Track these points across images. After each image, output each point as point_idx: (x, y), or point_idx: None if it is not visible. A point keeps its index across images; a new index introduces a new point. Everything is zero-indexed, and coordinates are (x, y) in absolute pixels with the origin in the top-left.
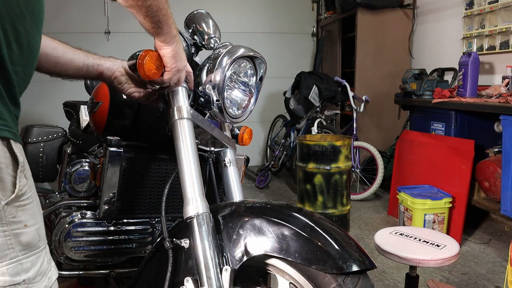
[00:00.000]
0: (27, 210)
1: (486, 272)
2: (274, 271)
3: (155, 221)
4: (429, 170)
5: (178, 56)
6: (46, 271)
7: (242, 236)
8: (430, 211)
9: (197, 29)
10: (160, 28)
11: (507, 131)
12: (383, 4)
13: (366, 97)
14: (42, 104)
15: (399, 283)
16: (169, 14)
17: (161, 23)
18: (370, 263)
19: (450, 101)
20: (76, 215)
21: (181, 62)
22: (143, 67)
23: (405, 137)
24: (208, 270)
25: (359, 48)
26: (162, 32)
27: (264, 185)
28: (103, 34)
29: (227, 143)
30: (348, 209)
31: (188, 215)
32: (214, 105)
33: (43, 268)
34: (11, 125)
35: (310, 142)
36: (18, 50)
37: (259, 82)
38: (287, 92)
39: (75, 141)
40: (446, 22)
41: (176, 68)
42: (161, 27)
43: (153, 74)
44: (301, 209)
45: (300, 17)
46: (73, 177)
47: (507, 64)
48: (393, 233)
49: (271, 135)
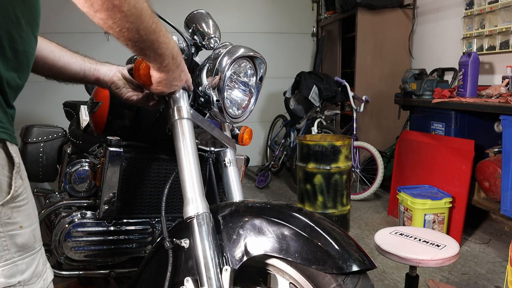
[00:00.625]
0: (23, 211)
1: (486, 272)
2: (274, 271)
3: (155, 221)
4: (429, 170)
5: (167, 83)
6: (42, 272)
7: (242, 236)
8: (430, 211)
9: (197, 29)
10: (146, 56)
11: (507, 131)
12: (383, 4)
13: (366, 97)
14: (42, 104)
15: (399, 283)
16: (160, 46)
17: (146, 52)
18: (370, 263)
19: (450, 101)
20: (76, 215)
21: (169, 88)
22: (139, 72)
23: (405, 137)
24: (208, 270)
25: (359, 48)
26: (149, 60)
27: (264, 185)
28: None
29: (227, 143)
30: (348, 209)
31: (188, 215)
32: (214, 105)
33: (38, 270)
34: (7, 126)
35: (310, 142)
36: (13, 56)
37: (259, 82)
38: (287, 92)
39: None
40: (446, 22)
41: (160, 91)
42: (147, 55)
43: (148, 79)
44: (301, 209)
45: (300, 17)
46: (73, 177)
47: (507, 64)
48: (393, 233)
49: (271, 135)
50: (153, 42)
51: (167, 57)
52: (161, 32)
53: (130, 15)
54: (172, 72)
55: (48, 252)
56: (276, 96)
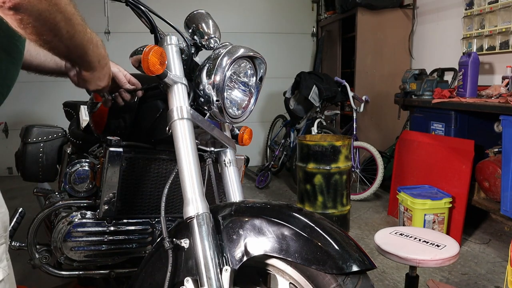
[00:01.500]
0: None
1: (486, 272)
2: (274, 271)
3: (155, 221)
4: (429, 170)
5: (93, 82)
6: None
7: (242, 236)
8: (430, 211)
9: (197, 29)
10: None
11: (507, 131)
12: (383, 4)
13: (366, 97)
14: (42, 104)
15: (399, 283)
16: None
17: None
18: (370, 263)
19: (450, 101)
20: (76, 215)
21: (97, 83)
22: (148, 62)
23: (405, 137)
24: (208, 270)
25: (359, 48)
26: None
27: (264, 185)
28: (103, 34)
29: (227, 143)
30: (348, 209)
31: (188, 215)
32: (214, 105)
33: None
34: None
35: (310, 142)
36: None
37: (259, 82)
38: (287, 92)
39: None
40: (446, 22)
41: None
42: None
43: (157, 70)
44: (301, 209)
45: (300, 17)
46: (73, 177)
47: (507, 64)
48: (393, 233)
49: (271, 135)
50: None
51: (93, 56)
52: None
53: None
54: (97, 71)
55: (48, 252)
56: (276, 96)
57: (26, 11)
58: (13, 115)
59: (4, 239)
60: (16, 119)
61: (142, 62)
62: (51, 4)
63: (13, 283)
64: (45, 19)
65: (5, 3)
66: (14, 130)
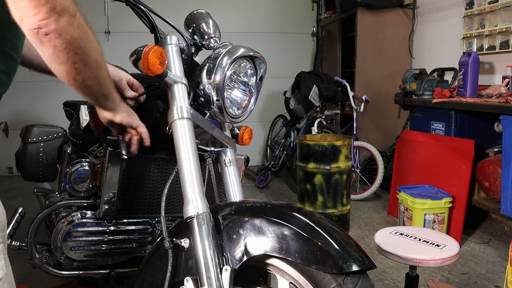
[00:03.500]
0: None
1: (486, 272)
2: (274, 271)
3: (155, 221)
4: (429, 170)
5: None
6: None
7: (242, 236)
8: (430, 211)
9: (197, 29)
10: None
11: (507, 131)
12: (383, 4)
13: (366, 97)
14: (42, 104)
15: (399, 283)
16: (107, 87)
17: (101, 97)
18: (370, 263)
19: (450, 101)
20: (76, 215)
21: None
22: (148, 62)
23: (405, 137)
24: (208, 270)
25: (359, 48)
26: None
27: (264, 185)
28: (103, 34)
29: (227, 143)
30: (348, 209)
31: (188, 215)
32: (214, 105)
33: None
34: None
35: (310, 142)
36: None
37: (259, 82)
38: (287, 92)
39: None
40: (446, 22)
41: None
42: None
43: (157, 69)
44: (301, 209)
45: (300, 17)
46: (73, 177)
47: (507, 64)
48: (393, 233)
49: (271, 135)
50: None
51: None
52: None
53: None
54: (121, 112)
55: (48, 251)
56: (276, 96)
57: (61, 36)
58: (13, 115)
59: (2, 239)
60: (16, 119)
61: (142, 62)
62: (82, 32)
63: (12, 282)
64: (78, 46)
65: (42, 28)
66: (14, 129)
